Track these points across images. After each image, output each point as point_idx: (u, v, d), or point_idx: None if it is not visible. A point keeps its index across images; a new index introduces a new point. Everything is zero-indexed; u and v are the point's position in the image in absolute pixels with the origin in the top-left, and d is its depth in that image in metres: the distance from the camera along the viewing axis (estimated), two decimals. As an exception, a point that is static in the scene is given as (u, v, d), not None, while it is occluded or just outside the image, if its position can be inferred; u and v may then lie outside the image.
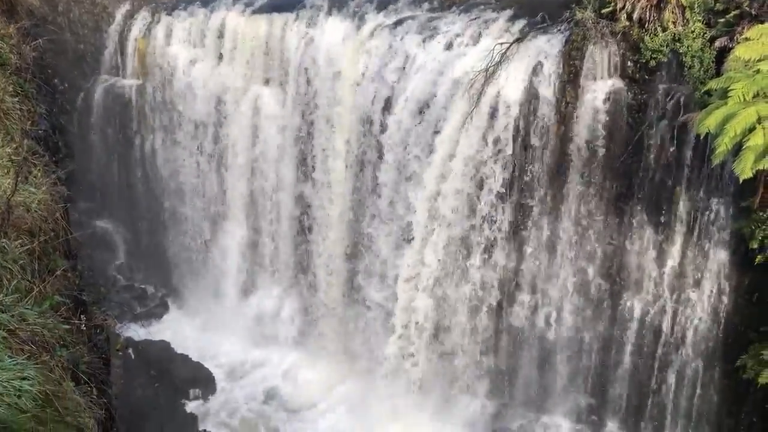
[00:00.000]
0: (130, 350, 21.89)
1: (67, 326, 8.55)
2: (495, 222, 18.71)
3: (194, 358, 23.31)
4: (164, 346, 23.39)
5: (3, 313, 7.28)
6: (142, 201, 25.70)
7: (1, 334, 7.02)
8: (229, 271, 24.68)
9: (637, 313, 18.08)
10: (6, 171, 9.34)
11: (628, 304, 18.21)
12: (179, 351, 23.45)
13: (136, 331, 23.88)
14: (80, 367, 8.59)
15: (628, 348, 18.30)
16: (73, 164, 18.73)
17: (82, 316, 10.07)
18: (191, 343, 24.39)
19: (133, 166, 25.36)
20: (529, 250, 18.81)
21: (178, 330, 25.04)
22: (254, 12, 22.29)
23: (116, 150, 25.41)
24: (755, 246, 15.26)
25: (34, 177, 9.73)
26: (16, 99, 10.78)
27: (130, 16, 24.20)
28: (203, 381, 22.67)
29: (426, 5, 20.52)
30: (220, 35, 22.58)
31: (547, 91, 17.54)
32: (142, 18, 23.92)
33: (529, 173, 18.14)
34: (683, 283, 17.38)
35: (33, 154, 10.24)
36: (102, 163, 25.63)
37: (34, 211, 9.06)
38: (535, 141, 17.80)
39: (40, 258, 9.05)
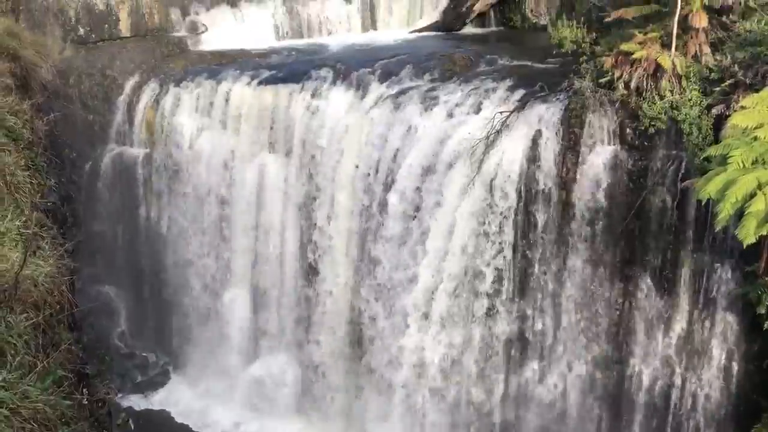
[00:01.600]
0: (130, 421, 21.43)
1: (69, 402, 8.46)
2: (499, 288, 18.66)
3: (194, 428, 22.84)
4: (165, 416, 23.01)
5: (6, 391, 7.22)
6: (145, 267, 25.70)
7: (4, 413, 6.95)
8: (231, 338, 24.46)
9: (645, 380, 17.80)
10: (15, 244, 9.43)
11: (636, 370, 17.95)
12: (179, 420, 23.02)
13: (137, 402, 23.50)
14: (81, 445, 8.46)
15: (638, 417, 17.93)
16: (81, 234, 18.85)
17: (84, 390, 9.96)
18: (192, 412, 23.98)
19: (137, 232, 25.51)
20: (533, 316, 18.67)
21: (179, 399, 24.64)
22: (260, 83, 22.85)
23: (122, 217, 25.60)
24: (762, 311, 15.15)
25: (42, 250, 9.81)
26: (27, 173, 10.97)
27: (139, 87, 24.79)
28: (204, 452, 22.18)
29: (427, 76, 21.03)
30: (227, 105, 23.07)
31: (548, 157, 17.81)
32: (151, 89, 24.51)
33: (531, 239, 18.20)
34: (691, 350, 17.17)
35: (42, 227, 10.35)
36: (107, 229, 25.75)
37: (40, 284, 9.09)
38: (537, 207, 17.93)
39: (45, 332, 9.04)
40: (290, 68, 23.52)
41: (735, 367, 16.67)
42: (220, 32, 26.87)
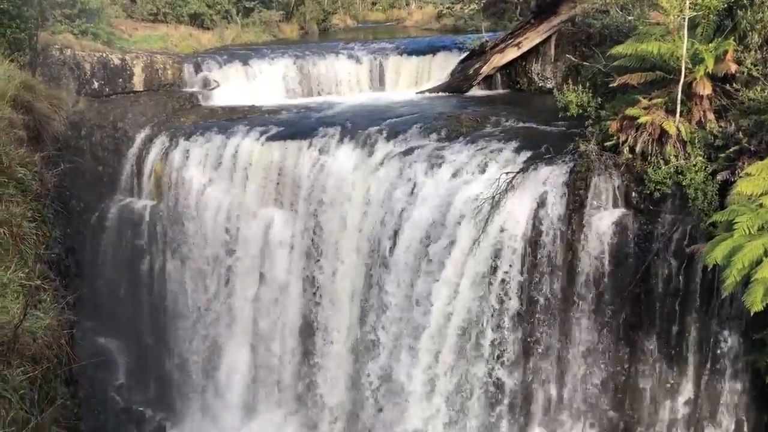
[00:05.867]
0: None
1: (62, 460, 8.26)
2: (502, 352, 18.41)
3: (190, 489, 22.29)
4: (159, 474, 22.45)
5: (-2, 448, 7.06)
6: (146, 320, 25.52)
7: (-6, 472, 6.77)
8: (230, 394, 24.10)
9: (652, 449, 17.36)
10: (16, 296, 9.37)
11: (643, 438, 17.52)
12: (175, 480, 22.48)
13: (132, 459, 23.04)
14: (72, 505, 8.21)
15: (646, 488, 17.43)
16: (83, 284, 18.78)
17: (78, 447, 9.73)
18: (188, 471, 23.47)
19: (140, 284, 25.42)
20: (537, 380, 18.35)
21: (175, 457, 24.14)
22: (269, 139, 23.15)
23: (125, 268, 25.55)
24: (771, 381, 14.89)
25: (43, 302, 9.73)
26: (34, 224, 11.00)
27: (149, 140, 25.13)
28: None
29: (434, 135, 21.27)
30: (235, 160, 23.32)
31: (553, 219, 17.81)
32: (161, 142, 24.83)
33: (536, 301, 18.04)
34: (699, 418, 16.77)
35: (44, 278, 10.30)
36: (110, 281, 25.71)
37: (40, 337, 8.98)
38: (541, 269, 17.84)
39: (41, 386, 8.87)
40: (299, 125, 23.85)
41: (744, 437, 16.26)
42: (231, 88, 27.40)
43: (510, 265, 18.09)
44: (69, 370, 10.15)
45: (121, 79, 26.82)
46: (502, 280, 18.23)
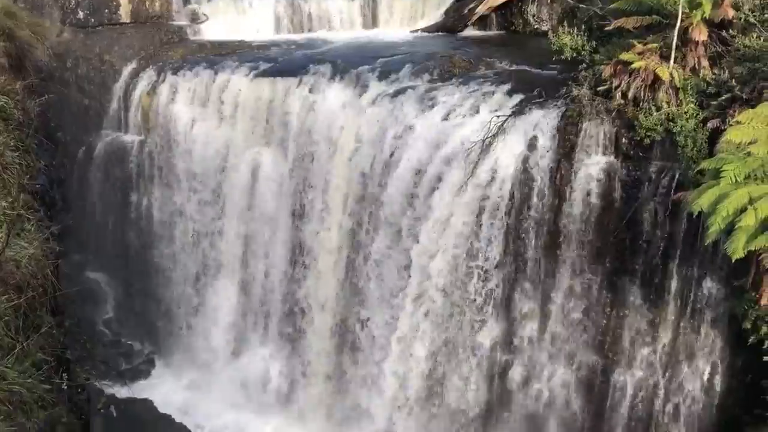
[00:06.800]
0: (112, 408, 21.37)
1: (48, 386, 8.38)
2: (487, 293, 18.65)
3: (177, 419, 22.75)
4: (147, 405, 22.87)
5: (-18, 371, 7.15)
6: (135, 255, 25.60)
7: (-21, 394, 6.87)
8: (218, 330, 24.38)
9: (629, 390, 17.81)
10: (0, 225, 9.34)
11: (621, 380, 17.96)
12: (162, 411, 22.91)
13: (120, 390, 23.37)
14: (57, 429, 8.39)
15: (620, 426, 17.94)
16: (69, 218, 18.71)
17: (64, 374, 9.87)
18: (175, 402, 23.86)
19: (128, 220, 25.38)
20: (521, 321, 18.67)
21: (163, 389, 24.52)
22: (258, 75, 22.76)
23: (113, 204, 25.47)
24: (748, 326, 15.19)
25: (27, 232, 9.72)
26: (17, 153, 10.87)
27: (136, 74, 24.65)
28: (185, 443, 22.10)
29: (426, 76, 20.97)
30: (224, 96, 22.97)
31: (542, 164, 17.79)
32: (148, 76, 24.37)
33: (522, 245, 18.19)
34: (676, 362, 17.20)
35: (28, 208, 10.26)
36: (98, 216, 25.65)
37: (24, 266, 9.01)
38: (529, 212, 17.92)
39: (26, 314, 8.94)
40: (289, 62, 23.41)
41: (719, 380, 16.71)
42: (220, 22, 26.76)
43: (497, 208, 18.15)
44: (54, 300, 10.22)
45: (107, 10, 26.09)
46: (491, 224, 18.32)
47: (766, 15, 17.72)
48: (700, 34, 16.75)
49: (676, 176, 16.48)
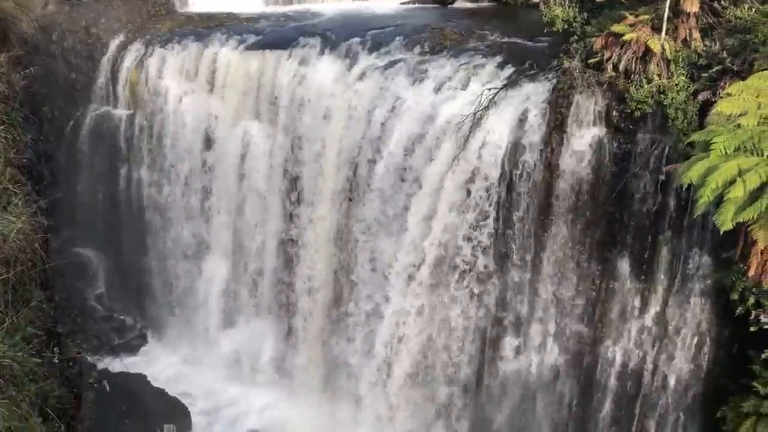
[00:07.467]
0: (105, 383, 21.49)
1: (39, 359, 8.39)
2: (477, 265, 18.73)
3: (170, 393, 22.88)
4: (140, 379, 22.97)
5: (-28, 345, 7.14)
6: (125, 230, 25.51)
7: (-32, 367, 6.87)
8: (209, 304, 24.44)
9: (618, 360, 18.02)
10: (-15, 199, 9.26)
11: (609, 350, 18.16)
12: (155, 385, 23.03)
13: (112, 364, 23.47)
14: (49, 402, 8.41)
15: (609, 396, 18.19)
16: (58, 192, 18.57)
17: (55, 348, 9.89)
18: (168, 377, 24.01)
19: (118, 195, 25.24)
20: (511, 293, 18.79)
21: (156, 363, 24.66)
22: (247, 48, 22.50)
23: (102, 178, 25.30)
24: (735, 297, 15.35)
25: (15, 206, 9.64)
26: (2, 127, 10.73)
27: (124, 47, 24.32)
28: (178, 416, 22.21)
29: (417, 49, 20.79)
30: (212, 69, 22.73)
31: (534, 136, 17.76)
32: (136, 49, 24.05)
33: (513, 217, 18.23)
34: (664, 333, 17.38)
35: (15, 182, 10.16)
36: (87, 191, 25.47)
37: (11, 240, 8.95)
38: (520, 185, 17.94)
39: (15, 288, 8.92)
40: (278, 34, 23.14)
41: (705, 350, 16.91)
42: (209, -6, 26.40)
43: (489, 180, 18.14)
44: (44, 274, 10.19)
45: (92, -19, 25.61)
46: (481, 196, 18.33)
47: (758, -14, 17.60)
48: (692, 6, 16.63)
49: (667, 149, 16.49)
